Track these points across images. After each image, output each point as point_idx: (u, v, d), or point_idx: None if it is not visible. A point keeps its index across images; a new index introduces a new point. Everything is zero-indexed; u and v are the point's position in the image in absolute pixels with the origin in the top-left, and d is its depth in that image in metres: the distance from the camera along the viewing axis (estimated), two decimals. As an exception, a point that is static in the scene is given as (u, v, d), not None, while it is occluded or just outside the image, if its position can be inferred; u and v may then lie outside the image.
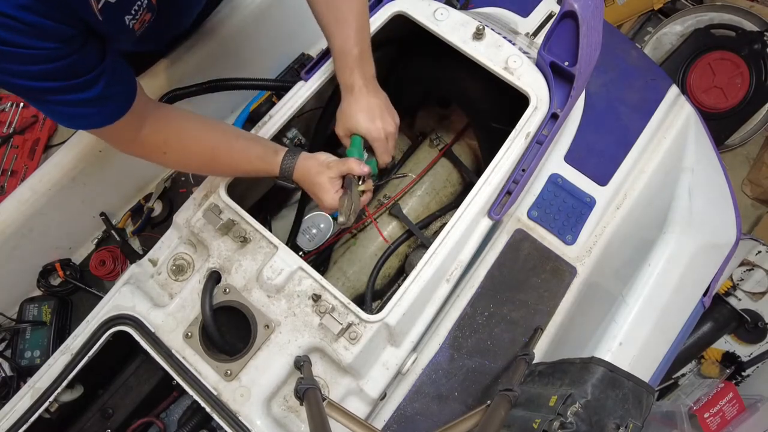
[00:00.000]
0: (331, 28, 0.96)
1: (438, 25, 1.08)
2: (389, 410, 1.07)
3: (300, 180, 0.98)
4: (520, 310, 1.16)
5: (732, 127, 2.39)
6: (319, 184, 0.96)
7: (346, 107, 0.98)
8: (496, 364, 1.12)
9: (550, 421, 0.82)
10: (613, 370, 0.90)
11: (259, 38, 1.45)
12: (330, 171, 0.95)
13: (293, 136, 1.19)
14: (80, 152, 1.23)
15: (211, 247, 0.98)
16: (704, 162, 1.33)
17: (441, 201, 1.40)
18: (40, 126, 2.56)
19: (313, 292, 0.93)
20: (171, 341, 0.93)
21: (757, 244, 2.00)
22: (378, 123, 0.97)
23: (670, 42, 2.48)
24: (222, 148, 0.94)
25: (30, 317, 1.26)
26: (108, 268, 1.31)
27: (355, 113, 0.97)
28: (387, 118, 0.99)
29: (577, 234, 1.23)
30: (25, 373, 1.22)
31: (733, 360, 1.94)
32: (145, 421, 1.11)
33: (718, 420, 1.76)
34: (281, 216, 1.42)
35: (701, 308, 1.21)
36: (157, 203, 1.39)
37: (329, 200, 0.96)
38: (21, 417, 0.91)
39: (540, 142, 1.03)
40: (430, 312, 1.00)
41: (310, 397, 0.77)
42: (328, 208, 0.98)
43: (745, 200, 2.50)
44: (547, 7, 1.43)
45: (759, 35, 2.28)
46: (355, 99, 0.97)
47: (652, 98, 1.37)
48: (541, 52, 1.05)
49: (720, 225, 1.27)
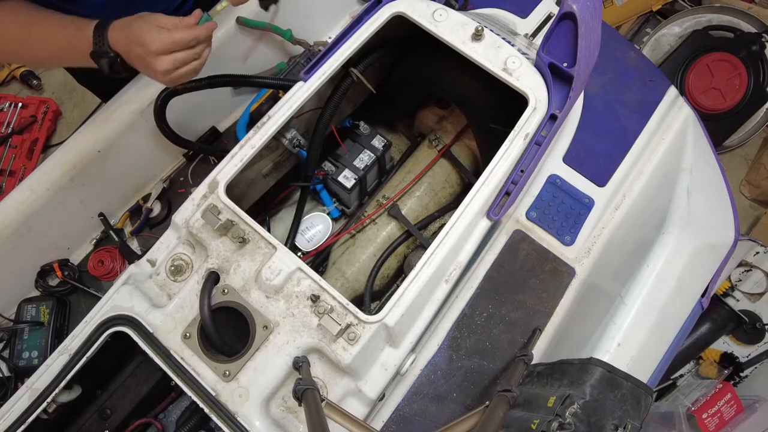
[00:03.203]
0: None
1: (437, 26, 1.08)
2: (388, 411, 1.07)
3: (117, 40, 0.87)
4: (519, 310, 1.16)
5: (730, 128, 2.40)
6: (136, 27, 0.84)
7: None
8: (495, 364, 1.12)
9: (549, 421, 0.82)
10: (611, 371, 0.90)
11: (259, 36, 1.45)
12: (151, 16, 0.86)
13: (292, 136, 1.19)
14: (79, 152, 1.23)
15: (210, 247, 0.97)
16: (702, 163, 1.33)
17: (440, 202, 1.40)
18: (38, 126, 2.56)
19: (312, 292, 0.93)
20: (169, 342, 0.93)
21: (755, 245, 2.01)
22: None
23: (669, 43, 2.48)
24: (24, 47, 0.88)
25: (28, 317, 1.26)
26: (106, 268, 1.31)
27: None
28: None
29: (575, 235, 1.23)
30: (22, 373, 1.21)
31: (731, 361, 1.94)
32: (144, 422, 1.11)
33: (717, 421, 1.77)
34: (280, 216, 1.42)
35: (699, 309, 1.22)
36: (156, 204, 1.39)
37: (153, 36, 0.83)
38: (19, 418, 0.91)
39: (539, 143, 1.03)
40: (428, 313, 1.00)
41: (308, 397, 0.77)
42: (157, 55, 0.84)
43: (744, 201, 2.50)
44: (545, 8, 1.43)
45: (757, 37, 2.29)
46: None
47: (650, 99, 1.37)
48: (539, 53, 1.05)
49: (718, 226, 1.28)
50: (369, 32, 1.08)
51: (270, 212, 1.39)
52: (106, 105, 1.27)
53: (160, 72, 0.88)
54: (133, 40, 0.85)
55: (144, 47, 0.85)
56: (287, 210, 1.43)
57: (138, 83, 1.27)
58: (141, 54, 0.87)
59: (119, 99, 1.26)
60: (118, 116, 1.25)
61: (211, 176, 1.02)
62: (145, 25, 0.85)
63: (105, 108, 1.26)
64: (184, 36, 0.87)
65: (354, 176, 1.31)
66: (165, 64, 0.87)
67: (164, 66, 0.87)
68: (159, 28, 0.85)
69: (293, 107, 1.06)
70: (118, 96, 1.27)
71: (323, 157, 1.33)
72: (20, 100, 2.59)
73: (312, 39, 1.50)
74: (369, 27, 1.09)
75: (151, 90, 1.25)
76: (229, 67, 1.31)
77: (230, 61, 1.39)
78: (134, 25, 0.86)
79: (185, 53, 0.89)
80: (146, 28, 0.85)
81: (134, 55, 0.88)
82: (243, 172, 1.04)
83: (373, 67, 1.18)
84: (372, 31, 1.08)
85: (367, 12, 1.11)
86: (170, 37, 0.85)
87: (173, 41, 0.86)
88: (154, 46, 0.84)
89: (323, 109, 1.18)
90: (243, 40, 1.41)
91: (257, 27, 1.38)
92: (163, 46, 0.85)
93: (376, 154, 1.33)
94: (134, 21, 0.87)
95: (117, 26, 0.88)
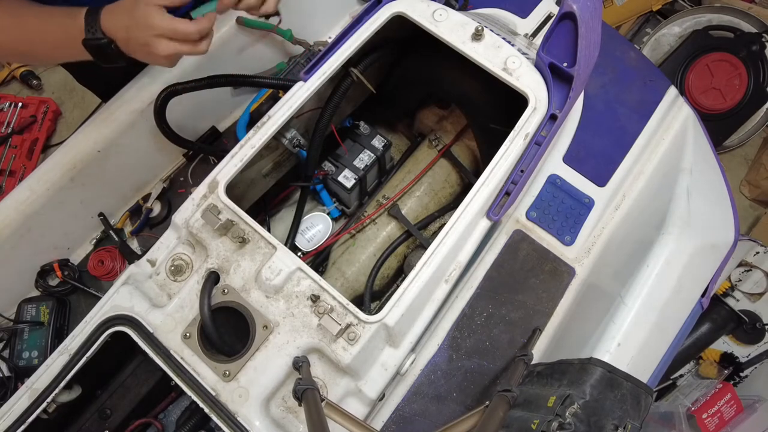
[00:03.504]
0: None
1: (437, 26, 1.08)
2: (388, 411, 1.07)
3: (113, 25, 0.84)
4: (519, 310, 1.16)
5: (730, 128, 2.40)
6: (137, 11, 0.81)
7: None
8: (495, 364, 1.12)
9: (549, 421, 0.82)
10: (611, 371, 0.90)
11: (259, 36, 1.45)
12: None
13: (292, 136, 1.19)
14: (79, 152, 1.23)
15: (210, 247, 0.97)
16: (702, 163, 1.33)
17: (440, 202, 1.40)
18: (38, 126, 2.56)
19: (312, 292, 0.93)
20: (169, 342, 0.93)
21: (755, 245, 2.01)
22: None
23: (669, 43, 2.48)
24: (22, 43, 0.87)
25: (28, 317, 1.26)
26: (106, 268, 1.31)
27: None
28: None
29: (575, 235, 1.23)
30: (22, 373, 1.21)
31: (731, 361, 1.94)
32: (144, 422, 1.11)
33: (716, 421, 1.77)
34: (280, 216, 1.42)
35: (699, 309, 1.22)
36: (156, 203, 1.39)
37: (156, 21, 0.81)
38: (19, 418, 0.91)
39: (539, 143, 1.03)
40: (428, 313, 1.00)
41: (308, 397, 0.77)
42: (159, 39, 0.82)
43: (744, 201, 2.51)
44: (546, 8, 1.43)
45: (757, 37, 2.29)
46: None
47: (650, 99, 1.37)
48: (539, 53, 1.05)
49: (718, 226, 1.28)
50: (369, 32, 1.08)
51: (270, 212, 1.39)
52: (106, 105, 1.27)
53: (162, 56, 0.86)
54: (136, 22, 0.83)
55: (148, 30, 0.83)
56: (287, 210, 1.43)
57: (138, 83, 1.27)
58: (144, 37, 0.84)
59: (119, 99, 1.26)
60: (118, 116, 1.25)
61: (211, 176, 1.02)
62: (148, 8, 0.82)
63: (105, 108, 1.26)
64: (188, 30, 0.85)
65: (354, 176, 1.31)
66: (169, 49, 0.86)
67: (168, 50, 0.86)
68: (162, 12, 0.83)
69: (293, 107, 1.06)
70: (118, 96, 1.27)
71: (323, 157, 1.33)
72: (20, 100, 2.59)
73: (312, 39, 1.50)
74: (369, 27, 1.09)
75: (151, 90, 1.25)
76: (229, 66, 1.31)
77: (230, 61, 1.39)
78: (136, 8, 0.83)
79: (189, 47, 0.88)
80: (148, 11, 0.82)
81: (136, 40, 0.85)
82: (243, 172, 1.04)
83: (373, 67, 1.18)
84: (372, 31, 1.08)
85: (367, 12, 1.11)
86: (174, 25, 0.83)
87: (176, 29, 0.84)
88: (158, 29, 0.82)
89: (323, 109, 1.18)
90: (243, 40, 1.41)
91: (257, 27, 1.38)
92: (164, 30, 0.82)
93: (376, 154, 1.33)
94: (133, 4, 0.83)
95: (111, 11, 0.85)
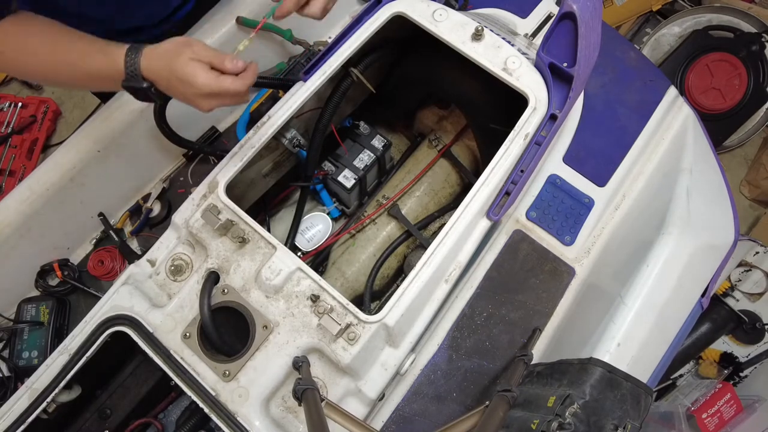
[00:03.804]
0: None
1: (437, 26, 1.08)
2: (388, 411, 1.07)
3: (153, 71, 0.83)
4: (519, 310, 1.16)
5: (730, 128, 2.40)
6: (181, 67, 0.79)
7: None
8: (495, 364, 1.12)
9: (549, 421, 0.82)
10: (611, 371, 0.90)
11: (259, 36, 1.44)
12: (193, 48, 0.81)
13: (292, 136, 1.19)
14: (79, 152, 1.23)
15: (210, 247, 0.97)
16: (702, 163, 1.33)
17: (440, 202, 1.40)
18: (38, 126, 2.56)
19: (312, 292, 0.93)
20: (169, 342, 0.93)
21: (755, 245, 2.01)
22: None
23: (669, 43, 2.48)
24: (62, 70, 0.87)
25: (28, 317, 1.26)
26: (106, 268, 1.31)
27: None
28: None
29: (575, 235, 1.23)
30: (22, 373, 1.21)
31: (731, 361, 1.94)
32: (143, 422, 1.11)
33: (716, 420, 1.77)
34: (280, 216, 1.42)
35: (699, 309, 1.22)
36: (156, 203, 1.39)
37: (202, 81, 0.79)
38: (18, 417, 0.91)
39: (539, 143, 1.03)
40: (428, 313, 1.00)
41: (308, 397, 0.77)
42: (204, 97, 0.82)
43: (743, 201, 2.51)
44: (545, 8, 1.43)
45: (757, 37, 2.29)
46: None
47: (650, 99, 1.37)
48: (539, 53, 1.05)
49: (718, 226, 1.28)
50: (369, 32, 1.08)
51: (270, 212, 1.39)
52: (106, 105, 1.27)
53: (205, 110, 0.86)
54: (179, 78, 0.81)
55: (193, 88, 0.82)
56: (287, 210, 1.43)
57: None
58: (187, 93, 0.84)
59: (119, 99, 1.26)
60: (118, 116, 1.25)
61: (210, 176, 1.02)
62: (191, 64, 0.80)
63: (105, 108, 1.26)
64: (233, 87, 0.83)
65: (354, 176, 1.31)
66: (212, 105, 0.85)
67: (210, 106, 0.85)
68: (207, 70, 0.81)
69: (293, 107, 1.06)
70: (118, 96, 1.27)
71: (323, 157, 1.33)
72: (20, 99, 2.59)
73: (312, 39, 1.50)
74: (369, 27, 1.09)
75: (151, 90, 1.25)
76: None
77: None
78: (179, 61, 0.81)
79: (234, 101, 0.87)
80: (193, 69, 0.80)
81: (178, 91, 0.85)
82: (243, 172, 1.04)
83: (373, 67, 1.18)
84: (372, 31, 1.08)
85: (367, 12, 1.11)
86: (220, 84, 0.82)
87: (223, 88, 0.83)
88: (205, 90, 0.81)
89: (323, 109, 1.18)
90: (243, 40, 1.41)
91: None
92: (211, 90, 0.82)
93: (376, 154, 1.33)
94: (176, 56, 0.82)
95: (151, 56, 0.84)
